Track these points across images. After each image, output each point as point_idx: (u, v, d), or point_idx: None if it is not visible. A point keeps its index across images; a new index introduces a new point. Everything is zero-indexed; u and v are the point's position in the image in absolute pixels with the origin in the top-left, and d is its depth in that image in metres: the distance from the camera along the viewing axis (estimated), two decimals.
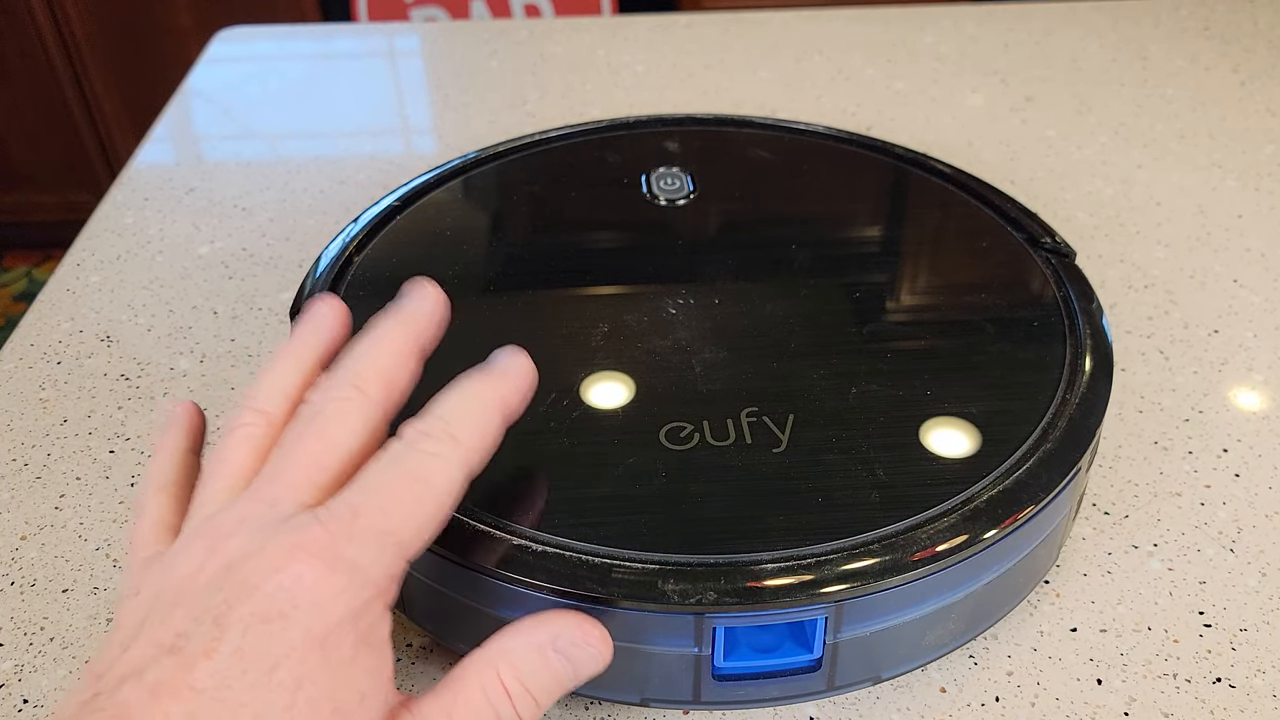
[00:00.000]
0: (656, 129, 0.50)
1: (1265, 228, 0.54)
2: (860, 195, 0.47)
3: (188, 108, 0.68)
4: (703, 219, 0.44)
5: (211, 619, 0.22)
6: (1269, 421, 0.42)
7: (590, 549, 0.29)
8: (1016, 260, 0.41)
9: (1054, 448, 0.33)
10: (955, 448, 0.33)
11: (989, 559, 0.31)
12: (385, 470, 0.25)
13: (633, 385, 0.35)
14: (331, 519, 0.24)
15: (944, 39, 0.73)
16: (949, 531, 0.30)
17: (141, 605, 0.24)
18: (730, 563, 0.29)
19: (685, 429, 0.33)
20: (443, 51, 0.74)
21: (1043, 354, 0.36)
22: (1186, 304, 0.49)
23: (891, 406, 0.34)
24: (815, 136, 0.50)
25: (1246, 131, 0.62)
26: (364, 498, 0.24)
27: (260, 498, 0.25)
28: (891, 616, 0.30)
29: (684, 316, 0.38)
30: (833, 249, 0.43)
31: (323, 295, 0.31)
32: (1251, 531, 0.38)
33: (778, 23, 0.76)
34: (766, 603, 0.28)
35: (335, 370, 0.27)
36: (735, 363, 0.36)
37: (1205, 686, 0.33)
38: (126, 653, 0.23)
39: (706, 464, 0.32)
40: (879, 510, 0.30)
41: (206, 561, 0.24)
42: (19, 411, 0.44)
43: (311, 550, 0.23)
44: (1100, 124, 0.63)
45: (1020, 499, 0.31)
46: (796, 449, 0.32)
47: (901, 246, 0.43)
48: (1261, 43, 0.72)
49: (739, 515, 0.31)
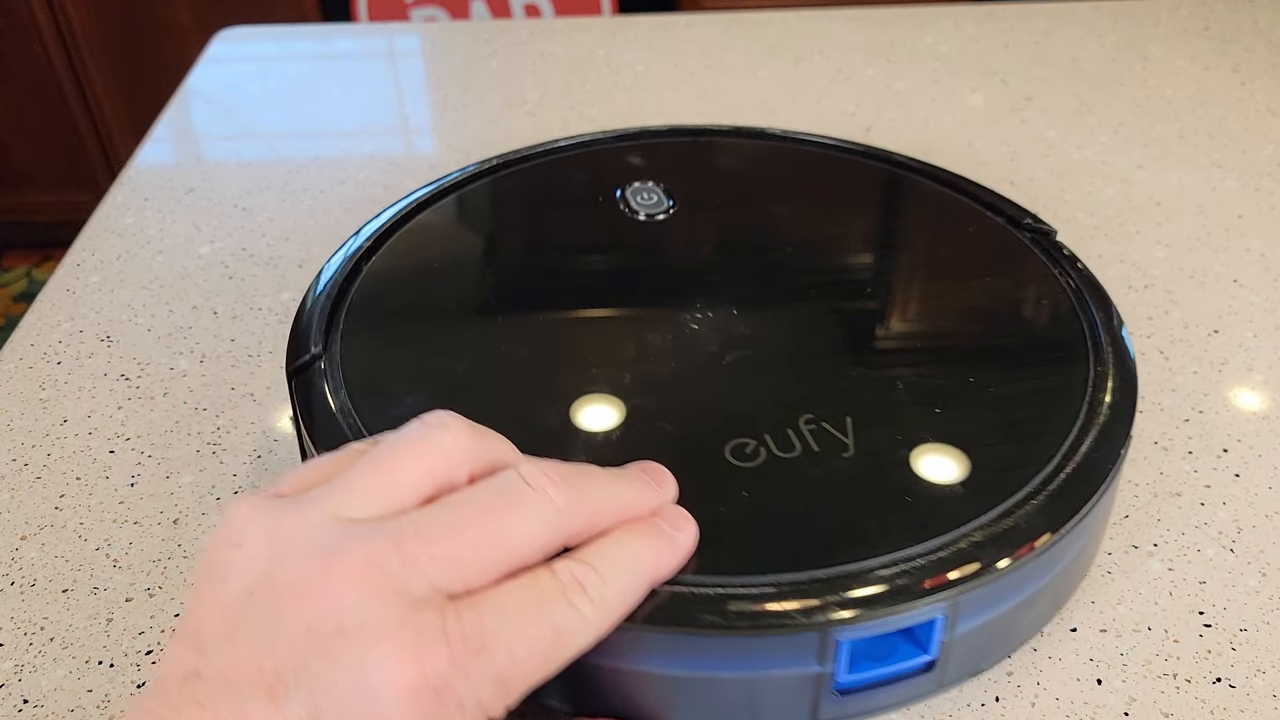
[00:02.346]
0: (660, 139, 0.50)
1: (1265, 228, 0.54)
2: (858, 200, 0.47)
3: (188, 108, 0.68)
4: (695, 232, 0.44)
5: (309, 685, 0.21)
6: (1269, 421, 0.42)
7: (697, 580, 0.28)
8: (1005, 243, 0.43)
9: (1108, 419, 0.33)
10: (1017, 430, 0.33)
11: (1075, 536, 0.31)
12: (530, 608, 0.23)
13: (679, 406, 0.34)
14: (461, 641, 0.22)
15: (944, 39, 0.73)
16: (1043, 514, 0.30)
17: (242, 582, 0.23)
18: (844, 574, 0.28)
19: (749, 445, 0.32)
20: (443, 51, 0.74)
21: (1069, 331, 0.37)
22: (1186, 304, 0.49)
23: (942, 396, 0.34)
24: (803, 144, 0.50)
25: (1246, 131, 0.62)
26: (499, 629, 0.22)
27: (407, 551, 0.23)
28: (998, 606, 0.30)
29: (708, 330, 0.37)
30: (839, 252, 0.43)
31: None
32: (1251, 531, 0.38)
33: (778, 23, 0.76)
34: (891, 609, 0.28)
35: (569, 475, 0.25)
36: (773, 371, 0.35)
37: (1205, 686, 0.33)
38: (228, 650, 0.22)
39: (782, 477, 0.31)
40: (967, 501, 0.30)
41: (323, 593, 0.22)
42: (19, 411, 0.44)
43: (428, 671, 0.22)
44: (1100, 124, 0.63)
45: (1097, 475, 0.31)
46: (865, 451, 0.32)
47: (905, 243, 0.44)
48: (1261, 42, 0.72)
49: (834, 525, 0.30)
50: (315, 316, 0.38)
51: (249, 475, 0.41)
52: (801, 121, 0.63)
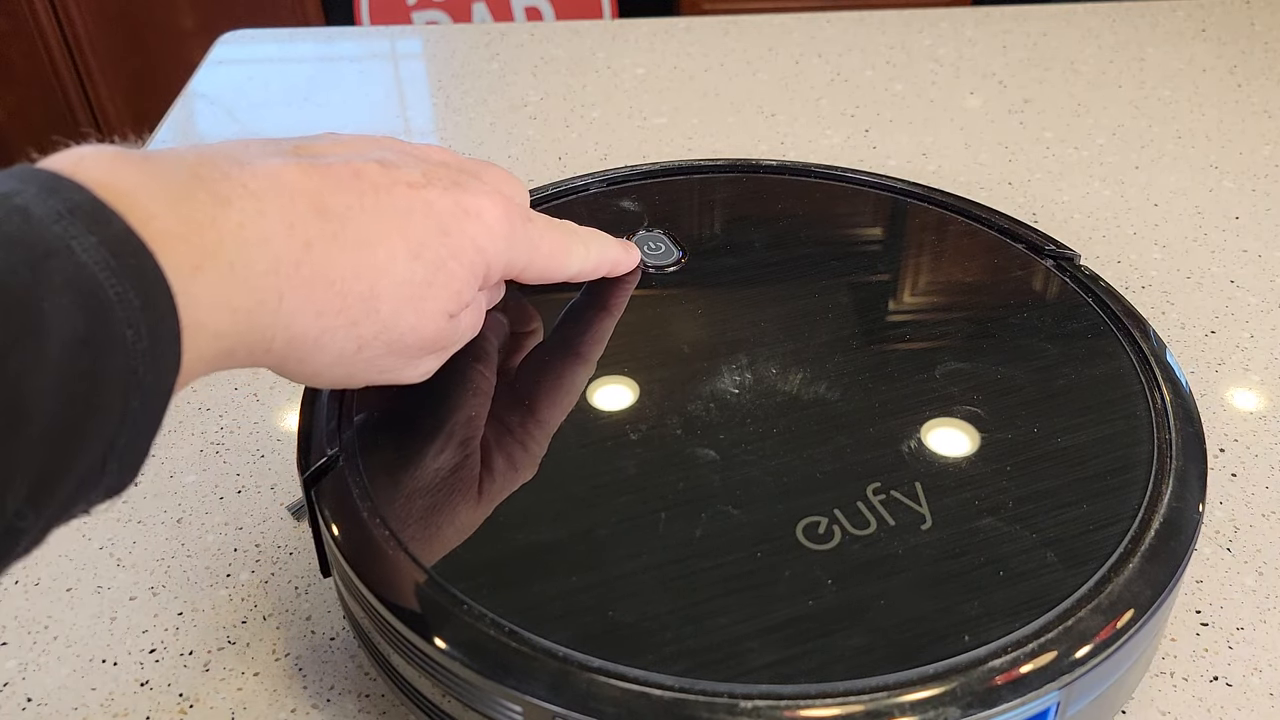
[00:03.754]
0: (655, 179, 0.46)
1: (1262, 229, 0.54)
2: (879, 236, 0.44)
3: (191, 110, 0.68)
4: (711, 283, 0.40)
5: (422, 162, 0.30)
6: (1265, 422, 0.42)
7: (800, 691, 0.26)
8: (1029, 271, 0.41)
9: (1181, 463, 0.32)
10: (1094, 483, 0.31)
11: (1170, 593, 0.29)
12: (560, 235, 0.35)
13: (738, 486, 0.31)
14: (525, 217, 0.32)
15: (942, 41, 0.74)
16: (1142, 577, 0.28)
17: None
18: (952, 668, 0.26)
19: (820, 523, 0.30)
20: (444, 54, 0.74)
21: (1119, 366, 0.36)
22: (1183, 304, 0.49)
23: (1009, 451, 0.32)
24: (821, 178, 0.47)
25: (1243, 133, 0.62)
26: (542, 224, 0.34)
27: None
28: (1108, 679, 0.28)
29: (750, 396, 0.34)
30: (869, 298, 0.39)
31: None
32: (1248, 531, 0.38)
33: (776, 26, 0.76)
34: (1010, 702, 0.26)
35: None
36: (828, 436, 0.33)
37: (1202, 685, 0.33)
38: (337, 146, 0.29)
39: (863, 560, 0.29)
40: (1063, 569, 0.28)
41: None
42: None
43: (511, 211, 0.31)
44: (1098, 125, 0.63)
45: (1186, 528, 0.30)
46: (944, 521, 0.30)
47: (935, 284, 0.41)
48: (1258, 44, 0.72)
49: (930, 610, 0.28)
50: (325, 415, 0.33)
51: (251, 474, 0.41)
52: (801, 122, 0.64)
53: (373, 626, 0.30)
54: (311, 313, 0.25)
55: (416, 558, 0.29)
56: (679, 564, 0.29)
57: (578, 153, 0.61)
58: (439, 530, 0.30)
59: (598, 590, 0.28)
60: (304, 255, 0.25)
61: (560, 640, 0.27)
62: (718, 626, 0.27)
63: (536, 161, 0.60)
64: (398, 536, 0.29)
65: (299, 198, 0.25)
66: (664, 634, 0.27)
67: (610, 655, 0.27)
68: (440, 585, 0.28)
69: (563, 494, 0.31)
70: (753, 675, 0.26)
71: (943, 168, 0.59)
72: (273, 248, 0.24)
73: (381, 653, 0.31)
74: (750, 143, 0.62)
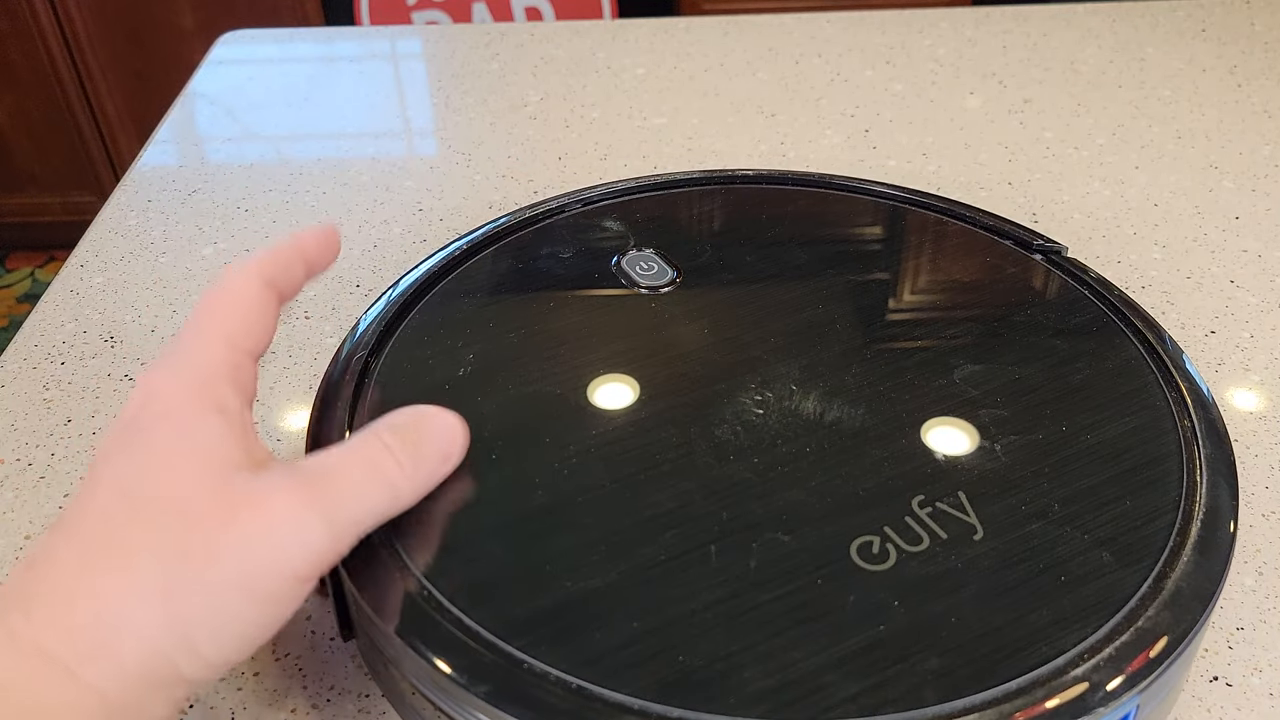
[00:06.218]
0: (641, 194, 0.45)
1: (1262, 229, 0.54)
2: (877, 242, 0.44)
3: (191, 110, 0.68)
4: (710, 301, 0.39)
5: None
6: (1265, 422, 0.43)
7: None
8: (1022, 266, 0.41)
9: (1212, 453, 0.32)
10: (1131, 478, 0.31)
11: (1223, 584, 0.29)
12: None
13: (783, 511, 0.30)
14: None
15: (942, 41, 0.74)
16: (1199, 570, 0.28)
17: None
18: (1033, 681, 0.26)
19: (873, 543, 0.29)
20: (444, 54, 0.74)
21: (1133, 361, 0.36)
22: (1183, 305, 0.49)
23: (1041, 452, 0.32)
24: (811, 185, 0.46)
25: (1243, 133, 0.62)
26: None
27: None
28: (1177, 676, 0.28)
29: (775, 416, 0.33)
30: (878, 306, 0.39)
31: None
32: (1248, 531, 0.38)
33: (776, 26, 0.76)
34: (1094, 713, 0.25)
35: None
36: (861, 451, 0.32)
37: (1202, 685, 0.33)
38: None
39: (923, 576, 0.28)
40: (1121, 568, 0.28)
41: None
42: (23, 412, 0.44)
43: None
44: (1098, 126, 0.63)
45: (1226, 517, 0.30)
46: (996, 530, 0.30)
47: (939, 287, 0.40)
48: (1258, 44, 0.72)
49: (1002, 623, 0.27)
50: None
51: None
52: (801, 122, 0.64)
53: (427, 703, 0.28)
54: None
55: (464, 619, 0.27)
56: (739, 598, 0.28)
57: (578, 153, 0.61)
58: (481, 586, 0.28)
59: (662, 634, 0.27)
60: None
61: (633, 693, 0.25)
62: (792, 661, 0.26)
63: (536, 161, 0.60)
64: (439, 598, 0.28)
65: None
66: (740, 674, 0.26)
67: (690, 703, 0.25)
68: (495, 646, 0.27)
69: (605, 533, 0.30)
70: (839, 710, 0.25)
71: (942, 168, 0.59)
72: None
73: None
74: (750, 143, 0.62)
